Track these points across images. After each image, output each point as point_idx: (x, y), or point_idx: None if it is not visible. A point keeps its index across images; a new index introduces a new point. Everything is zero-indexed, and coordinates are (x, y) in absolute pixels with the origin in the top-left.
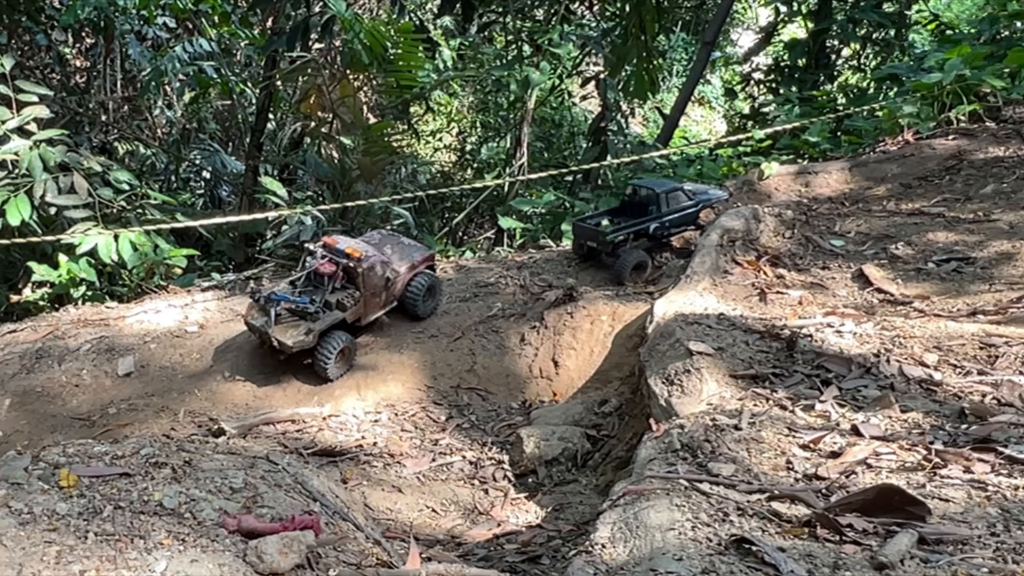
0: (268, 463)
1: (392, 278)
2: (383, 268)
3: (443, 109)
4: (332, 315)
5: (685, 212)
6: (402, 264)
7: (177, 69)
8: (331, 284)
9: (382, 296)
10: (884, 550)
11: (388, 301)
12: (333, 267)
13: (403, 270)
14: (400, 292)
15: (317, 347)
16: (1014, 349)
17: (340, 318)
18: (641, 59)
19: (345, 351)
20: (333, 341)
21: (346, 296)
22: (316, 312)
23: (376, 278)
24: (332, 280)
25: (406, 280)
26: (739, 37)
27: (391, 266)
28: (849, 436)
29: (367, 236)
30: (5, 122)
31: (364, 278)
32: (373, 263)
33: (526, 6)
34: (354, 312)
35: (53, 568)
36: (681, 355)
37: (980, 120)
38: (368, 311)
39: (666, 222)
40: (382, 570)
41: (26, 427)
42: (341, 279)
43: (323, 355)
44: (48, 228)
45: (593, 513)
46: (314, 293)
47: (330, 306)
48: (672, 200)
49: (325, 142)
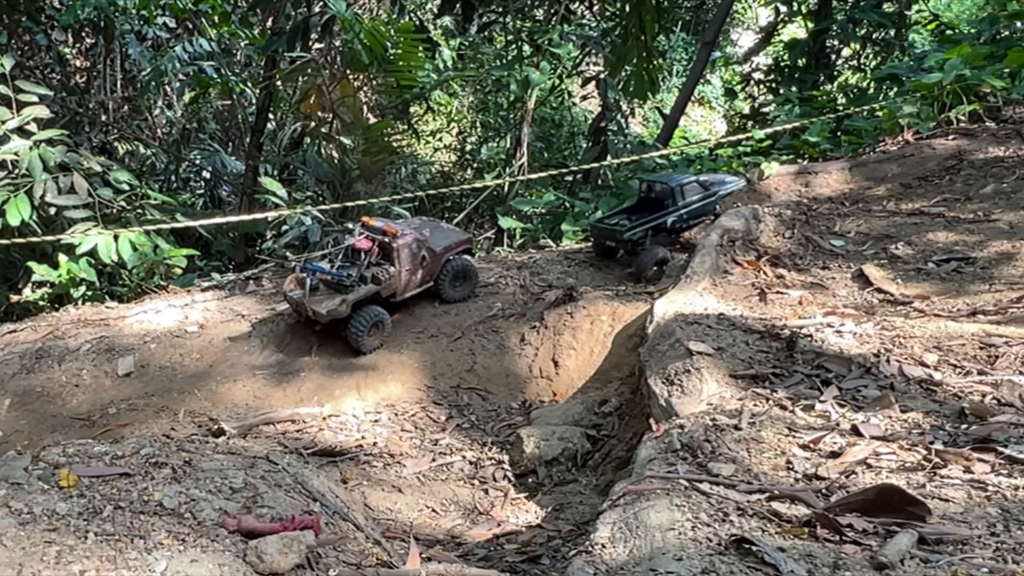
0: (268, 463)
1: (427, 257)
2: (418, 246)
3: (443, 109)
4: (366, 288)
5: (703, 203)
6: (438, 245)
7: (177, 69)
8: (367, 259)
9: (417, 274)
10: (884, 550)
11: (424, 280)
12: (369, 243)
13: (439, 250)
14: (436, 272)
15: (351, 318)
16: (1014, 349)
17: (374, 291)
18: (641, 59)
19: (378, 324)
20: (366, 313)
21: (381, 271)
22: (351, 284)
23: (411, 255)
24: (368, 255)
25: (442, 261)
26: (739, 37)
27: (427, 245)
28: (849, 436)
29: (407, 220)
30: (5, 122)
31: (399, 253)
32: (408, 240)
33: (526, 6)
34: (388, 286)
35: (53, 568)
36: (681, 355)
37: (980, 120)
38: (403, 287)
39: (684, 214)
40: (382, 570)
41: (26, 427)
42: (376, 255)
43: (356, 326)
44: (48, 228)
45: (593, 513)
46: (351, 268)
47: (365, 280)
48: (688, 192)
49: (325, 142)
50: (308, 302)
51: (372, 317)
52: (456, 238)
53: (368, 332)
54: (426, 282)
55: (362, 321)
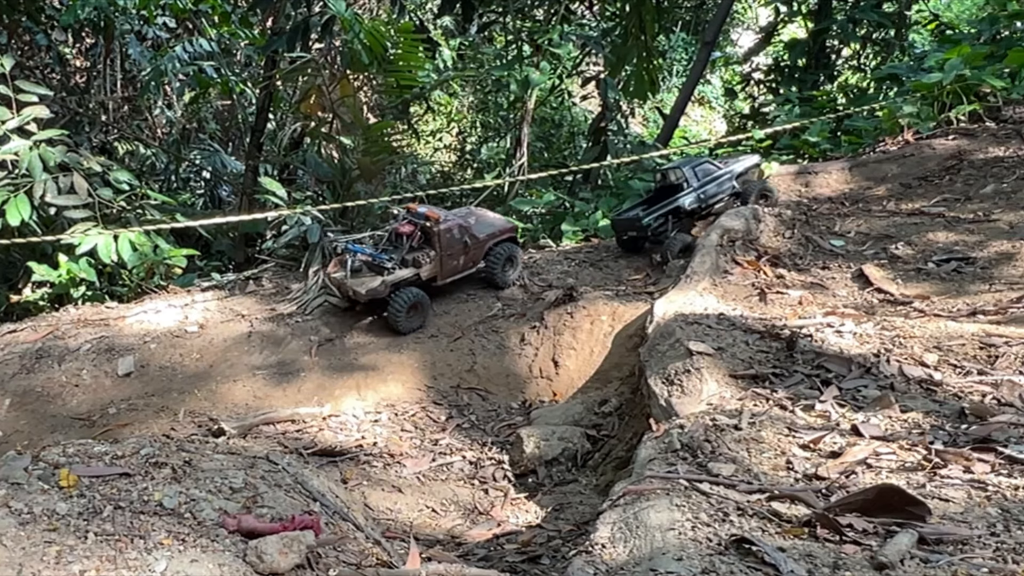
0: (268, 463)
1: (470, 243)
2: (461, 232)
3: (443, 109)
4: (405, 271)
5: (718, 181)
6: (482, 232)
7: (177, 69)
8: (409, 243)
9: (459, 259)
10: (884, 550)
11: (466, 265)
12: (411, 227)
13: (483, 237)
14: (479, 259)
15: (390, 299)
16: (1014, 349)
17: (413, 274)
18: (641, 59)
19: (417, 306)
20: (405, 295)
21: (422, 255)
22: (391, 267)
23: (453, 240)
24: (410, 239)
25: (486, 248)
26: (739, 37)
27: (470, 231)
28: (849, 436)
29: (458, 209)
30: (5, 122)
31: (440, 238)
32: (450, 225)
33: (526, 6)
34: (429, 270)
35: (53, 568)
36: (681, 355)
37: (980, 120)
38: (444, 272)
39: (700, 195)
40: (382, 570)
41: (26, 427)
42: (419, 239)
43: (395, 307)
44: (48, 228)
45: (593, 513)
46: (394, 251)
47: (406, 263)
48: (700, 172)
49: (325, 142)
50: (349, 282)
51: (410, 298)
52: (500, 226)
53: (407, 313)
54: (468, 268)
55: (400, 302)
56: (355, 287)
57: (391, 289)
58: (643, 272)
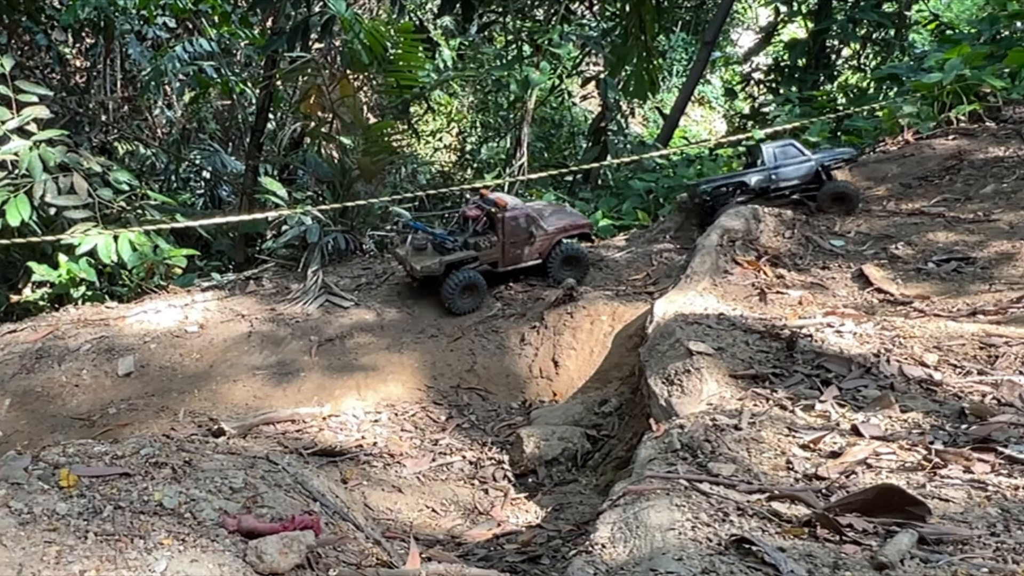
0: (268, 463)
1: (536, 234)
2: (527, 222)
3: (443, 109)
4: (464, 252)
5: (796, 165)
6: (551, 225)
7: (177, 69)
8: (473, 227)
9: (523, 249)
10: (884, 550)
11: (531, 256)
12: (478, 212)
13: (550, 230)
14: (546, 251)
15: (445, 278)
16: (1014, 349)
17: (471, 256)
18: (641, 59)
19: (471, 287)
20: (460, 275)
21: (485, 240)
22: (451, 247)
23: (517, 228)
24: (475, 223)
25: (553, 241)
26: (739, 37)
27: (538, 223)
28: (849, 436)
29: (534, 203)
30: (5, 122)
31: (504, 225)
32: (516, 214)
33: (526, 6)
34: (488, 255)
35: (53, 568)
36: (681, 355)
37: (980, 120)
38: (506, 259)
39: (771, 174)
40: (382, 570)
41: (26, 427)
42: (484, 224)
43: (448, 286)
44: (48, 228)
45: (593, 513)
46: (459, 234)
47: (467, 245)
48: (779, 153)
49: (325, 142)
50: (409, 258)
51: (465, 280)
52: (572, 221)
53: (460, 294)
54: (533, 258)
55: (454, 282)
56: (412, 263)
57: (446, 268)
58: (643, 272)
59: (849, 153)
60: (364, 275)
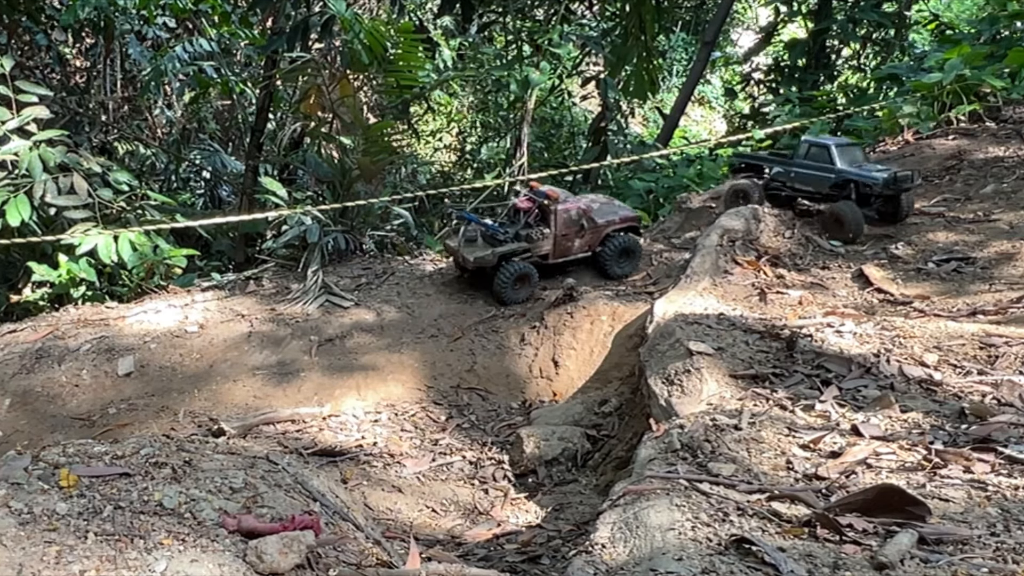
0: (268, 463)
1: (587, 226)
2: (579, 214)
3: (443, 109)
4: (516, 244)
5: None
6: (602, 218)
7: (177, 69)
8: (525, 219)
9: (574, 241)
10: (884, 550)
11: (581, 248)
12: (529, 204)
13: (601, 223)
14: (595, 244)
15: (497, 270)
16: (1014, 349)
17: (522, 248)
18: (641, 59)
19: (524, 279)
20: (513, 267)
21: (536, 231)
22: (503, 239)
23: (569, 221)
24: (527, 216)
25: (603, 234)
26: (739, 37)
27: (588, 215)
28: (849, 436)
29: (585, 195)
30: (5, 122)
31: (556, 217)
32: (570, 207)
33: (526, 6)
34: (540, 247)
35: (53, 568)
36: (681, 355)
37: (980, 120)
38: (557, 251)
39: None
40: (382, 570)
41: (26, 427)
42: (535, 216)
43: (500, 277)
44: (48, 228)
45: (593, 513)
46: (510, 225)
47: (519, 237)
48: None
49: (325, 142)
50: (461, 250)
51: (517, 271)
52: (622, 214)
53: (512, 285)
54: (583, 251)
55: (507, 273)
56: (465, 254)
57: (499, 260)
58: (643, 272)
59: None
60: (364, 275)
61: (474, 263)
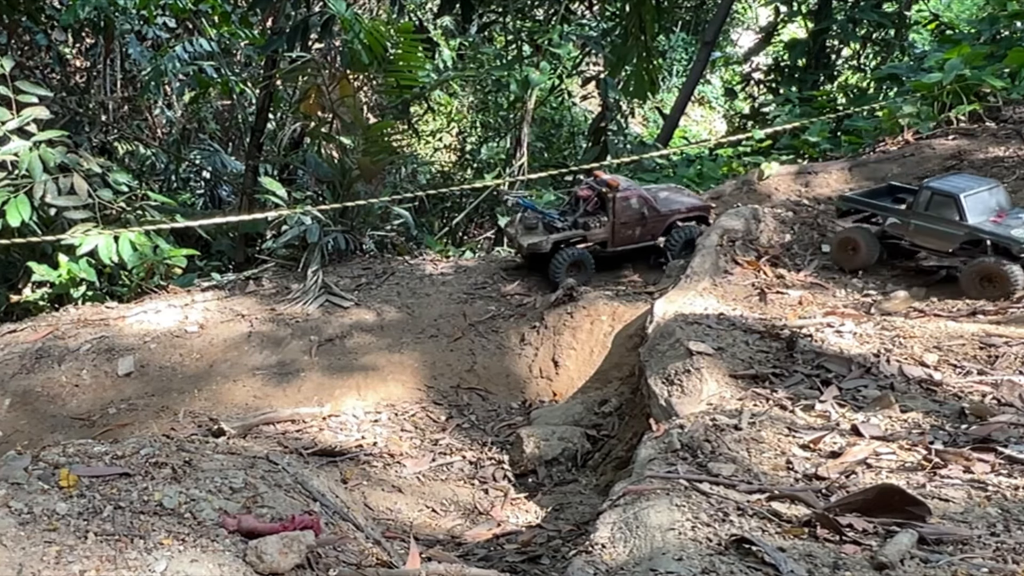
0: (268, 463)
1: (648, 215)
2: (640, 203)
3: (443, 109)
4: (571, 231)
5: (938, 228)
6: (667, 207)
7: (177, 69)
8: (584, 207)
9: (635, 230)
10: (884, 550)
11: (643, 237)
12: (589, 192)
13: (664, 212)
14: (659, 233)
15: (552, 256)
16: (1014, 349)
17: (578, 235)
18: (641, 59)
19: (578, 265)
20: (567, 253)
21: (594, 220)
22: (560, 226)
23: (628, 209)
24: (586, 204)
25: (666, 223)
26: (739, 37)
27: (651, 204)
28: (849, 436)
29: (654, 185)
30: (5, 123)
31: (615, 205)
32: (628, 195)
33: (526, 6)
34: (597, 235)
35: (53, 568)
36: (681, 355)
37: (980, 120)
38: (616, 239)
39: (910, 224)
40: (382, 570)
41: (26, 427)
42: (594, 204)
43: (555, 263)
44: (48, 228)
45: (593, 513)
46: (570, 214)
47: (576, 225)
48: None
49: (325, 142)
50: (518, 236)
51: (571, 257)
52: (689, 204)
53: (566, 270)
54: (644, 240)
55: (561, 259)
56: (519, 240)
57: (553, 246)
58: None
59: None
60: (364, 275)
61: (527, 249)
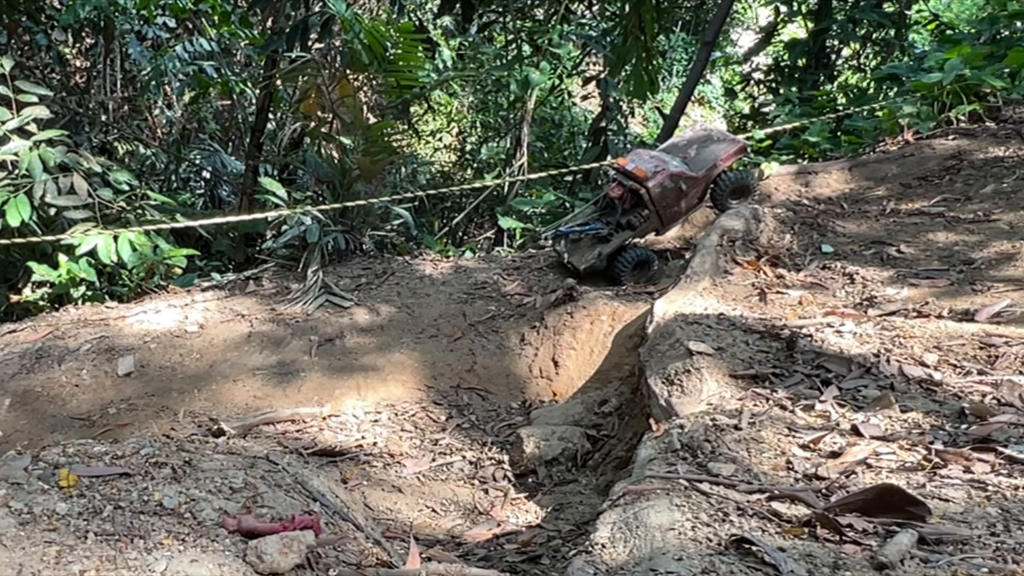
0: (268, 463)
1: (686, 187)
2: (673, 181)
3: (443, 109)
4: (619, 237)
5: None
6: (701, 169)
7: (177, 69)
8: (621, 206)
9: (679, 204)
10: (884, 550)
11: (690, 206)
12: (620, 190)
13: (701, 174)
14: (704, 194)
15: (612, 265)
16: (1014, 349)
17: (627, 238)
18: (641, 59)
19: (641, 264)
20: (626, 256)
21: (635, 216)
22: (608, 234)
23: (665, 192)
24: (622, 203)
25: (708, 181)
26: (739, 37)
27: (684, 176)
28: (849, 436)
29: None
30: (5, 122)
31: (650, 195)
32: (659, 180)
33: (526, 6)
34: (645, 229)
35: (53, 568)
36: (681, 355)
37: (980, 120)
38: (664, 222)
39: None
40: (382, 570)
41: (26, 427)
42: (629, 199)
43: (619, 268)
44: (48, 228)
45: (593, 513)
46: (610, 215)
47: (621, 227)
48: None
49: (325, 142)
50: (570, 257)
51: (633, 259)
52: (724, 151)
53: (631, 271)
54: (693, 206)
55: (623, 263)
56: (573, 261)
57: (608, 260)
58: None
59: None
60: (364, 275)
61: (584, 270)
